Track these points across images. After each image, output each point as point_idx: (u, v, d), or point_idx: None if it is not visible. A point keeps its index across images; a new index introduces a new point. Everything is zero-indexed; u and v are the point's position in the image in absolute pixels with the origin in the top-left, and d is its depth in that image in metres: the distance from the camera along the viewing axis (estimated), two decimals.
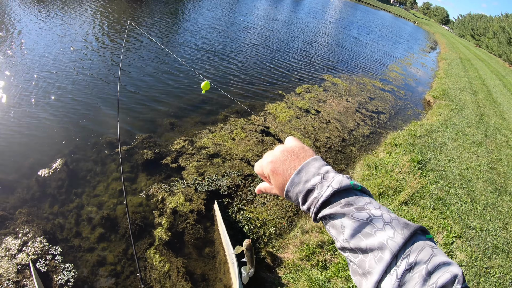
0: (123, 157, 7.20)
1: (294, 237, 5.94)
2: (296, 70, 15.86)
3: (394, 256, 0.77)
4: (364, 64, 21.47)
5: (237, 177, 7.30)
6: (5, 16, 15.14)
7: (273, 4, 43.98)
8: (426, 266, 0.73)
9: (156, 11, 21.64)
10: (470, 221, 6.84)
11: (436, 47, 47.70)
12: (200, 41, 16.55)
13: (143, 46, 13.93)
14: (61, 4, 19.49)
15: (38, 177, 6.37)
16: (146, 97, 9.93)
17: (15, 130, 7.53)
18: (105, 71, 10.89)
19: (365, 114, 12.51)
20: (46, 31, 13.45)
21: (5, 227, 5.37)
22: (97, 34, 14.37)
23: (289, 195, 0.96)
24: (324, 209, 0.88)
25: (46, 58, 10.98)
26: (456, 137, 11.35)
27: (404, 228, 0.82)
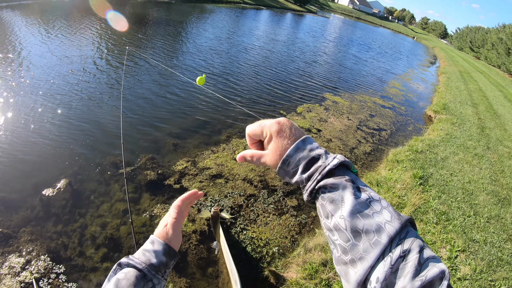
0: (127, 177, 7.29)
1: (297, 256, 5.96)
2: (296, 89, 15.99)
3: (390, 240, 0.76)
4: (364, 81, 21.62)
5: (239, 197, 7.36)
6: (8, 36, 15.45)
7: (272, 24, 44.41)
8: (418, 257, 0.73)
9: (157, 33, 21.95)
10: (473, 234, 6.86)
11: (435, 61, 47.98)
12: (200, 63, 16.79)
13: (144, 68, 14.15)
14: (64, 26, 19.89)
15: (42, 197, 6.47)
16: (149, 118, 10.08)
17: (19, 149, 7.68)
18: (106, 93, 11.05)
19: (366, 131, 12.60)
20: (47, 53, 13.69)
21: (9, 245, 5.44)
22: (98, 57, 14.65)
23: (288, 161, 0.92)
24: (329, 179, 0.87)
25: (47, 80, 11.19)
26: (458, 150, 11.40)
27: (399, 215, 0.82)
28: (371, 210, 0.81)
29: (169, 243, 1.23)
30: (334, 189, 0.85)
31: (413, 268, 0.71)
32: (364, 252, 0.77)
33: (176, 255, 1.25)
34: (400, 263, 0.73)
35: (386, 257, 0.74)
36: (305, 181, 0.90)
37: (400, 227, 0.78)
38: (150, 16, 30.81)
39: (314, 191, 0.88)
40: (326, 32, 49.53)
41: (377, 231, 0.77)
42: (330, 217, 0.84)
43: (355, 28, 75.27)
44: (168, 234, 1.25)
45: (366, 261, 0.76)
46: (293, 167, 0.92)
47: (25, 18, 21.89)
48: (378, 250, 0.75)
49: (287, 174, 0.94)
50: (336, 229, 0.83)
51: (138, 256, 1.18)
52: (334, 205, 0.83)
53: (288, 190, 7.92)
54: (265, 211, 7.10)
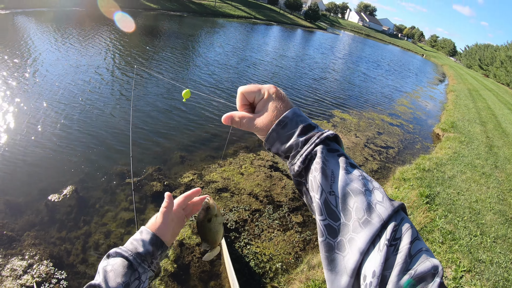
0: (130, 187, 7.33)
1: (300, 272, 5.95)
2: (304, 106, 16.05)
3: (382, 224, 0.72)
4: (372, 99, 21.66)
5: (244, 212, 7.38)
6: (22, 43, 15.69)
7: (282, 40, 44.71)
8: (409, 248, 0.69)
9: (167, 46, 22.26)
10: (479, 254, 6.79)
11: (444, 79, 47.94)
12: (209, 77, 17.02)
13: (153, 81, 14.33)
14: (75, 34, 20.22)
15: (48, 202, 6.56)
16: (157, 130, 10.23)
17: (28, 154, 7.84)
18: (115, 104, 11.25)
19: (373, 149, 12.59)
20: (59, 61, 14.03)
21: (12, 248, 5.51)
22: (107, 68, 15.04)
23: (285, 122, 0.88)
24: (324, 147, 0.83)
25: (60, 88, 11.54)
26: (465, 169, 11.34)
27: (391, 200, 0.77)
28: (363, 187, 0.78)
29: (157, 233, 1.25)
30: (327, 160, 0.82)
31: (402, 260, 0.67)
32: (353, 232, 0.73)
33: (163, 245, 1.26)
34: (391, 252, 0.69)
35: (382, 246, 0.70)
36: (301, 145, 0.85)
37: (393, 210, 0.74)
38: (161, 28, 31.17)
39: (309, 157, 0.83)
40: (335, 49, 49.74)
41: (367, 210, 0.74)
42: (320, 191, 0.79)
43: (365, 45, 75.52)
44: (157, 223, 1.27)
45: (355, 243, 0.72)
46: (289, 130, 0.88)
47: (38, 24, 22.37)
48: (369, 232, 0.71)
49: (280, 138, 0.88)
50: (326, 206, 0.78)
51: (126, 245, 1.21)
52: (325, 178, 0.79)
53: (293, 206, 7.92)
54: (270, 226, 7.10)
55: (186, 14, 49.30)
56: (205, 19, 49.01)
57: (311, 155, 0.83)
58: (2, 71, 12.33)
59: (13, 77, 12.00)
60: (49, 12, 28.37)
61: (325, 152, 0.82)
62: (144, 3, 46.39)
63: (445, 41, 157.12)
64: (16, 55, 14.45)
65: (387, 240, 0.69)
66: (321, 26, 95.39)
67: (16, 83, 11.49)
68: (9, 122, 9.02)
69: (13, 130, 8.70)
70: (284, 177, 8.94)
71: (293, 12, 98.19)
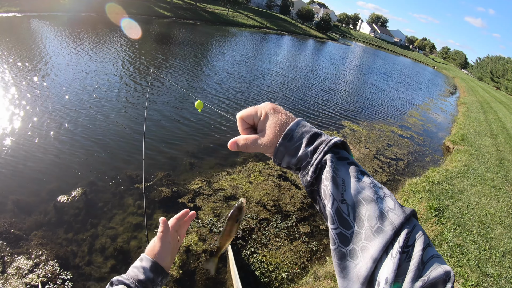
0: (141, 193, 7.40)
1: (306, 283, 5.94)
2: (315, 116, 16.10)
3: (395, 231, 0.71)
4: (383, 110, 21.64)
5: (252, 220, 7.40)
6: (35, 46, 15.91)
7: (293, 50, 44.84)
8: (421, 255, 0.68)
9: (178, 54, 22.46)
10: (488, 268, 6.74)
11: (455, 91, 47.67)
12: (218, 87, 17.17)
13: (164, 88, 14.46)
14: (89, 40, 20.47)
15: (56, 203, 6.64)
16: (167, 136, 10.34)
17: (39, 156, 7.99)
18: (127, 110, 11.39)
19: (383, 160, 12.56)
20: (72, 65, 14.08)
21: (19, 246, 5.58)
22: (119, 74, 15.32)
23: (290, 135, 0.86)
24: (333, 155, 0.82)
25: (71, 92, 11.71)
26: (475, 182, 11.27)
27: (402, 206, 0.77)
28: (375, 194, 0.77)
29: (157, 259, 1.27)
30: (337, 169, 0.81)
31: (415, 267, 0.67)
32: (366, 240, 0.73)
33: (163, 272, 1.28)
34: (403, 260, 0.68)
35: (395, 253, 0.69)
36: (310, 155, 0.84)
37: (405, 217, 0.73)
38: (174, 36, 31.40)
39: (320, 165, 0.82)
40: (346, 60, 49.76)
41: (380, 218, 0.73)
42: (331, 200, 0.78)
43: (376, 56, 75.43)
44: (155, 249, 1.30)
45: (368, 251, 0.72)
46: (296, 142, 0.86)
47: (52, 28, 22.60)
48: (382, 240, 0.71)
49: (288, 151, 0.87)
50: (337, 214, 0.77)
51: (128, 273, 1.24)
52: (336, 187, 0.78)
53: (301, 216, 7.92)
54: (277, 235, 7.11)
55: (199, 23, 49.68)
56: (217, 27, 49.34)
57: (321, 164, 0.82)
58: (20, 74, 12.56)
59: (26, 80, 12.20)
60: (63, 17, 28.79)
61: (335, 160, 0.82)
62: (157, 11, 46.84)
63: (457, 53, 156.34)
64: (29, 58, 14.71)
65: (400, 247, 0.69)
66: (333, 37, 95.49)
67: (27, 86, 11.71)
68: (22, 124, 9.18)
69: (25, 132, 8.85)
70: (293, 187, 8.94)
71: (305, 22, 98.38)
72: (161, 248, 1.30)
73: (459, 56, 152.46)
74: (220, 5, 67.12)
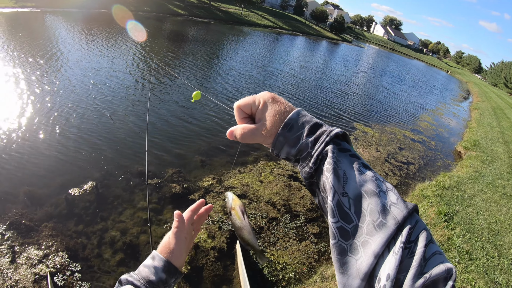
0: (151, 188, 7.53)
1: (313, 283, 5.96)
2: (326, 118, 16.09)
3: (398, 226, 0.70)
4: (395, 113, 21.56)
5: (261, 219, 7.44)
6: (49, 42, 16.08)
7: (306, 51, 44.77)
8: (424, 251, 0.68)
9: (190, 52, 22.50)
10: (496, 276, 6.70)
11: (468, 96, 47.22)
12: (226, 86, 17.18)
13: (176, 86, 14.58)
14: (102, 37, 20.69)
15: (68, 196, 6.75)
16: (179, 133, 10.43)
17: (52, 149, 8.16)
18: (137, 106, 11.43)
19: (394, 164, 12.52)
20: (83, 61, 14.25)
21: (29, 237, 5.68)
22: (129, 71, 15.46)
23: (290, 124, 0.84)
24: (335, 146, 0.81)
25: (85, 87, 11.72)
26: (486, 189, 11.20)
27: (405, 201, 0.76)
28: (377, 188, 0.75)
29: (170, 258, 1.20)
30: (338, 161, 0.79)
31: (417, 263, 0.66)
32: (367, 235, 0.72)
33: (177, 272, 1.21)
34: (405, 256, 0.68)
35: (398, 249, 0.68)
36: (311, 145, 0.82)
37: (408, 212, 0.72)
38: (187, 34, 31.49)
39: (320, 156, 0.81)
40: (359, 62, 49.56)
41: (382, 212, 0.72)
42: (333, 193, 0.77)
43: (389, 59, 75.00)
44: (170, 246, 1.23)
45: (369, 246, 0.71)
46: (296, 131, 0.84)
47: (66, 24, 22.89)
48: (384, 235, 0.70)
49: (288, 141, 0.85)
50: (338, 208, 0.76)
51: (138, 272, 1.17)
52: (337, 179, 0.77)
53: (311, 216, 7.94)
54: (286, 235, 7.14)
55: (212, 21, 49.84)
56: (231, 27, 49.47)
57: (322, 155, 0.80)
58: (33, 70, 12.73)
59: (40, 75, 12.38)
60: (78, 13, 29.06)
61: (336, 151, 0.80)
62: (171, 9, 47.04)
63: (471, 58, 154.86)
64: (41, 53, 14.93)
65: (402, 243, 0.68)
66: (346, 39, 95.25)
67: (41, 81, 11.92)
68: (37, 118, 9.34)
69: (39, 125, 9.01)
70: (303, 187, 8.96)
71: (319, 23, 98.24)
72: (176, 246, 1.23)
73: (473, 61, 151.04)
74: (234, 4, 67.24)
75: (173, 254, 1.21)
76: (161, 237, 5.88)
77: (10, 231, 5.71)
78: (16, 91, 10.72)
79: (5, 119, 8.95)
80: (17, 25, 20.84)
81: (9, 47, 15.42)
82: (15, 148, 7.89)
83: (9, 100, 10.10)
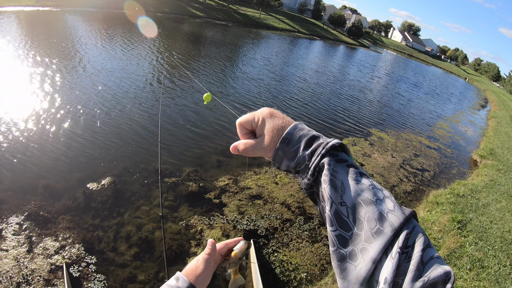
0: (167, 186, 7.70)
1: (324, 285, 6.03)
2: (342, 122, 16.17)
3: (395, 232, 0.73)
4: (412, 120, 21.48)
5: (276, 220, 7.54)
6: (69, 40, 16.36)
7: (323, 56, 44.71)
8: (421, 255, 0.70)
9: (206, 55, 22.72)
10: (507, 285, 6.68)
11: (486, 104, 46.60)
12: (240, 91, 17.21)
13: (195, 89, 14.69)
14: (121, 36, 20.99)
15: (86, 190, 6.94)
16: (196, 134, 10.61)
17: (71, 144, 8.44)
18: (153, 104, 11.53)
19: (409, 170, 12.53)
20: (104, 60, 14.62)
21: (47, 228, 5.87)
22: (146, 70, 15.78)
23: (288, 139, 0.88)
24: (331, 158, 0.84)
25: (104, 84, 12.12)
26: (501, 198, 11.12)
27: (402, 208, 0.79)
28: (374, 196, 0.78)
29: (195, 282, 1.16)
30: (335, 171, 0.82)
31: (415, 267, 0.69)
32: (365, 242, 0.74)
33: None
34: (403, 260, 0.70)
35: (395, 254, 0.71)
36: (308, 158, 0.86)
37: (404, 219, 0.75)
38: (204, 36, 31.66)
39: (317, 168, 0.84)
40: (377, 68, 49.26)
41: (379, 220, 0.75)
42: (330, 203, 0.80)
43: (407, 65, 74.36)
44: (197, 270, 1.19)
45: (368, 253, 0.73)
46: (294, 145, 0.88)
47: (84, 23, 23.10)
48: (381, 241, 0.72)
49: (286, 155, 0.89)
50: (336, 217, 0.79)
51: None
52: (334, 190, 0.80)
53: None
54: (299, 236, 7.23)
55: (230, 24, 50.09)
56: (248, 29, 49.61)
57: (319, 167, 0.84)
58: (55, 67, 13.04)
59: (59, 72, 12.65)
60: (98, 13, 29.43)
61: (333, 163, 0.83)
62: (190, 11, 47.41)
63: (489, 65, 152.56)
64: (59, 52, 15.25)
65: (399, 248, 0.71)
66: (364, 44, 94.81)
67: (59, 77, 12.26)
68: (59, 113, 9.64)
69: (61, 121, 9.30)
70: None
71: (337, 28, 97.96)
72: (203, 272, 1.20)
73: (491, 68, 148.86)
74: (253, 7, 67.50)
75: (198, 278, 1.17)
76: (176, 233, 6.02)
77: (28, 222, 5.90)
78: (36, 86, 11.06)
79: (28, 115, 9.25)
80: (37, 24, 21.26)
81: (31, 45, 15.82)
82: (35, 142, 8.15)
83: (30, 95, 10.42)
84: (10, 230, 5.67)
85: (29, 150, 7.86)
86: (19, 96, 10.30)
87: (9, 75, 11.76)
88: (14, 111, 9.32)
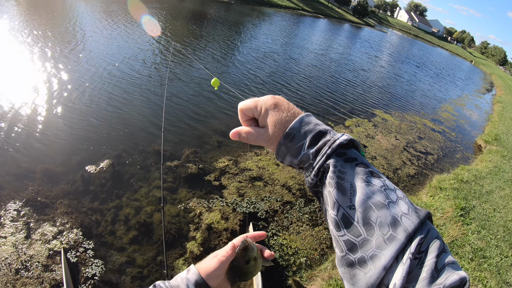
0: (167, 167, 7.56)
1: (324, 270, 5.95)
2: (346, 103, 15.96)
3: (408, 237, 0.68)
4: (416, 102, 21.28)
5: (276, 202, 7.43)
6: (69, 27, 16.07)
7: (328, 35, 44.27)
8: (435, 261, 0.65)
9: (209, 34, 22.48)
10: (508, 276, 6.57)
11: (491, 88, 46.32)
12: (244, 71, 16.92)
13: (194, 69, 14.40)
14: (123, 16, 20.71)
15: (84, 173, 6.80)
16: (196, 114, 10.41)
17: (69, 127, 8.20)
18: (155, 86, 11.51)
19: (412, 153, 12.38)
20: (105, 40, 14.30)
21: (44, 213, 5.76)
22: (149, 49, 15.47)
23: (292, 134, 0.82)
24: (338, 158, 0.78)
25: (101, 66, 11.96)
26: (505, 185, 10.97)
27: (417, 209, 0.74)
28: (386, 199, 0.73)
29: (206, 277, 1.13)
30: (343, 173, 0.76)
31: (428, 274, 0.64)
32: (377, 248, 0.69)
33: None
34: (415, 266, 0.66)
35: (406, 259, 0.66)
36: (312, 157, 0.80)
37: (419, 222, 0.70)
38: (206, 15, 31.35)
39: (322, 169, 0.79)
40: (382, 48, 48.91)
41: (393, 225, 0.70)
42: (337, 207, 0.75)
43: (412, 46, 73.87)
44: (209, 268, 1.15)
45: (379, 260, 0.68)
46: (298, 142, 0.82)
47: (86, 5, 22.70)
48: (394, 248, 0.68)
49: (290, 152, 0.84)
50: (344, 221, 0.74)
51: (172, 280, 1.14)
52: (342, 193, 0.75)
53: None
54: (299, 220, 7.12)
55: (233, 1, 49.33)
56: (252, 7, 48.97)
57: (324, 168, 0.79)
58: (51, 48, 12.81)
59: (60, 54, 12.44)
60: None
61: (341, 163, 0.77)
62: None
63: (496, 49, 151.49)
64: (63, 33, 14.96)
65: (411, 253, 0.66)
66: (369, 23, 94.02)
67: (63, 60, 12.03)
68: (55, 96, 9.41)
69: (57, 104, 9.06)
70: None
71: (342, 6, 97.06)
72: (216, 270, 1.15)
73: (498, 52, 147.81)
74: None
75: (210, 274, 1.13)
76: (175, 216, 5.90)
77: (26, 207, 5.78)
78: (35, 69, 10.78)
79: (24, 97, 9.01)
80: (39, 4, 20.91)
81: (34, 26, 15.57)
82: (33, 126, 7.95)
83: (28, 78, 10.14)
84: (8, 217, 5.56)
85: (26, 133, 7.67)
86: (18, 79, 10.02)
87: (10, 56, 11.45)
88: (12, 94, 9.07)
